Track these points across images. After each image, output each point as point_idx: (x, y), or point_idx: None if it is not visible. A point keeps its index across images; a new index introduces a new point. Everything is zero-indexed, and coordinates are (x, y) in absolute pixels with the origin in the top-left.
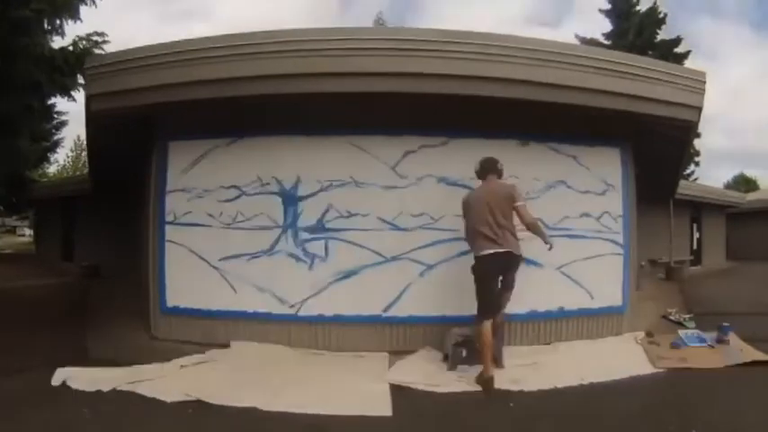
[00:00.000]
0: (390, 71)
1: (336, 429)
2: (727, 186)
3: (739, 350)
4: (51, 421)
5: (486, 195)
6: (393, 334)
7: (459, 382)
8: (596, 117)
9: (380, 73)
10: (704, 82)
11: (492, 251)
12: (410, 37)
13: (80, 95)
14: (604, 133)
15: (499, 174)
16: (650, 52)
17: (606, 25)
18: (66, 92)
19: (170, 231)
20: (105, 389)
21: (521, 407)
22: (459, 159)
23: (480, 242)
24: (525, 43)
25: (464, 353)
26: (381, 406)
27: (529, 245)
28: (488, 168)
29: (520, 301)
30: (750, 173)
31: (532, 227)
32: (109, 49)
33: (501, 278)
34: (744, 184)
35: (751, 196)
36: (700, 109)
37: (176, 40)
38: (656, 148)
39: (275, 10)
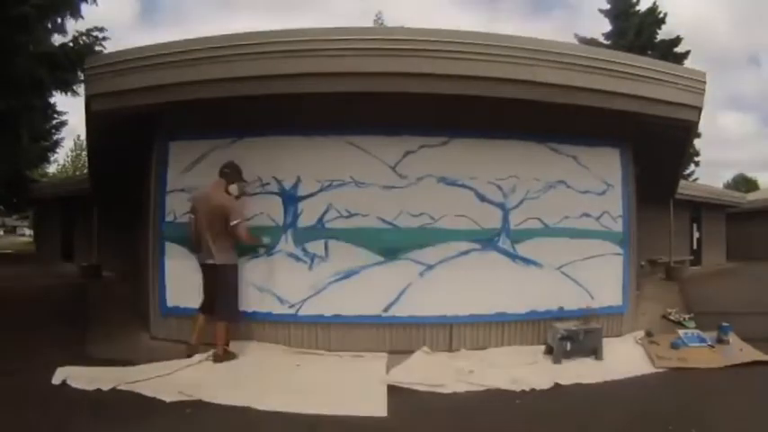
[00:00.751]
0: (390, 71)
1: (330, 429)
2: (727, 186)
3: (739, 350)
4: (52, 420)
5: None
6: (393, 334)
7: (460, 382)
8: (596, 117)
9: (380, 73)
10: (704, 82)
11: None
12: (409, 37)
13: (81, 89)
14: (604, 133)
15: (226, 178)
16: (650, 52)
17: (606, 25)
18: (67, 87)
19: (170, 231)
20: (105, 388)
21: (521, 406)
22: (459, 159)
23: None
24: (526, 43)
25: (568, 346)
26: (377, 407)
27: (529, 245)
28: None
29: (520, 301)
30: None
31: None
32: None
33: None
34: (744, 184)
35: (751, 196)
36: (700, 109)
37: (176, 40)
38: (656, 148)
39: None
